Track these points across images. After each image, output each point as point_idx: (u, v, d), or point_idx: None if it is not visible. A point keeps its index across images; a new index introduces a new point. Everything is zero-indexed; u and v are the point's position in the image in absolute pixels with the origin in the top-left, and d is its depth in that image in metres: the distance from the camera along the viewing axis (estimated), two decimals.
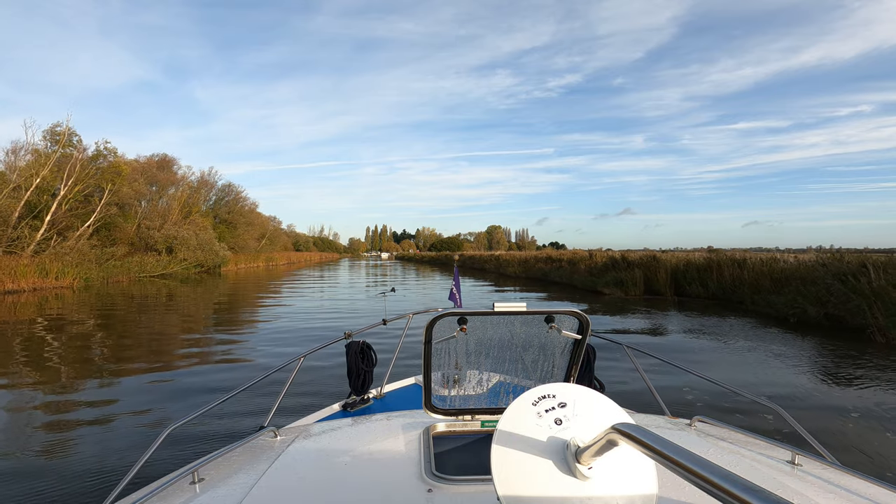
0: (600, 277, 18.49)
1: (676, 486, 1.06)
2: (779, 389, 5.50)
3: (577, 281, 20.47)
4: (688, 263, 16.94)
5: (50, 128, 29.25)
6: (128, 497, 1.21)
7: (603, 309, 13.35)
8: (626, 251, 25.71)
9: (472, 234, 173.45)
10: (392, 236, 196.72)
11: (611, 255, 20.44)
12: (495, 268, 37.14)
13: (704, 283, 15.50)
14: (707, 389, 5.24)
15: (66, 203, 29.94)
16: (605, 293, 17.35)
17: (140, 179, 35.96)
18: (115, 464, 3.42)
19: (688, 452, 0.53)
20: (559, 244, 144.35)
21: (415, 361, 2.41)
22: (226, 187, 53.16)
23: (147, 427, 4.18)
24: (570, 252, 29.24)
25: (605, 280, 17.76)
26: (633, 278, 16.91)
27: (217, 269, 36.61)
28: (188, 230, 33.81)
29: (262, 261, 50.60)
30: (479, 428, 1.52)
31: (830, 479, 1.22)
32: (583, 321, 1.46)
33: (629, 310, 13.39)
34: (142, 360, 6.79)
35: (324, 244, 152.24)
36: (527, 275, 28.72)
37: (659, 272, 16.74)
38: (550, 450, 0.78)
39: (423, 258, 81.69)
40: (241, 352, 7.53)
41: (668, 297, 16.31)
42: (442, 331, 1.46)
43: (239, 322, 10.82)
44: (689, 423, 1.71)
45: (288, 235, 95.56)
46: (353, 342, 2.60)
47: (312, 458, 1.33)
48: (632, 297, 16.55)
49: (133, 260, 27.77)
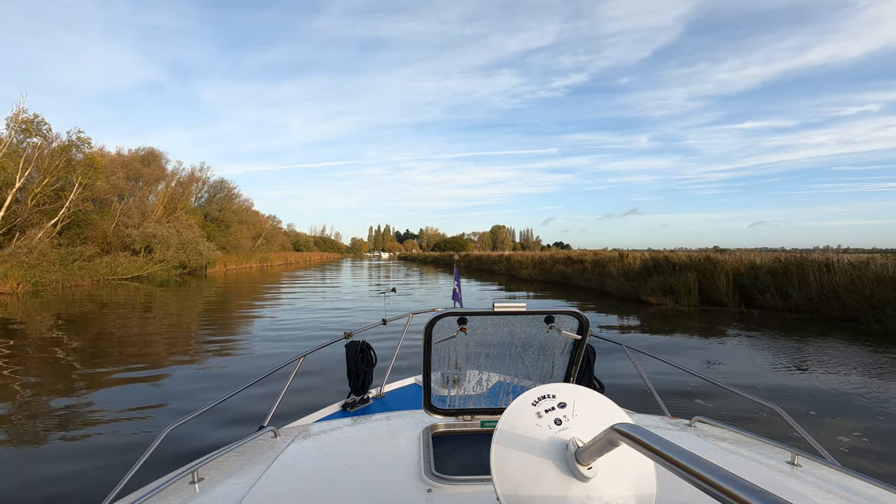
0: (641, 283, 15.35)
1: (676, 486, 0.97)
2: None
3: (610, 286, 17.17)
4: (753, 266, 13.79)
5: (13, 114, 26.32)
6: (127, 497, 1.18)
7: (654, 324, 10.27)
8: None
9: (476, 234, 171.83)
10: (395, 236, 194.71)
11: (651, 256, 17.15)
12: (506, 269, 33.93)
13: (783, 292, 12.33)
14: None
15: (32, 198, 27.13)
16: (651, 302, 14.21)
17: (119, 173, 33.06)
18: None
19: (688, 452, 0.53)
20: (564, 244, 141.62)
21: (415, 361, 2.07)
22: (217, 184, 50.28)
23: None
24: (591, 252, 26.01)
25: (650, 286, 14.59)
26: (687, 284, 13.76)
27: (203, 271, 33.66)
28: (169, 228, 30.81)
29: (255, 261, 47.61)
30: (478, 428, 1.51)
31: (830, 480, 1.21)
32: (583, 321, 1.47)
33: (685, 325, 10.30)
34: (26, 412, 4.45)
35: (325, 244, 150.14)
36: (544, 278, 25.48)
37: (718, 277, 13.58)
38: (550, 450, 0.78)
39: (426, 258, 79.11)
40: (186, 396, 4.96)
41: (731, 307, 13.16)
42: (442, 331, 1.45)
43: (196, 346, 7.77)
44: (689, 423, 1.70)
45: (287, 235, 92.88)
46: (353, 342, 2.58)
47: (312, 458, 1.33)
48: (685, 307, 13.42)
49: (102, 261, 24.80)
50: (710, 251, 20.10)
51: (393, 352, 3.03)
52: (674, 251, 22.54)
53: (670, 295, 13.89)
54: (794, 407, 4.81)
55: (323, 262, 71.24)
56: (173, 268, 30.09)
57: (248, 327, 10.27)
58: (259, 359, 7.00)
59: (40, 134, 27.92)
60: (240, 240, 50.57)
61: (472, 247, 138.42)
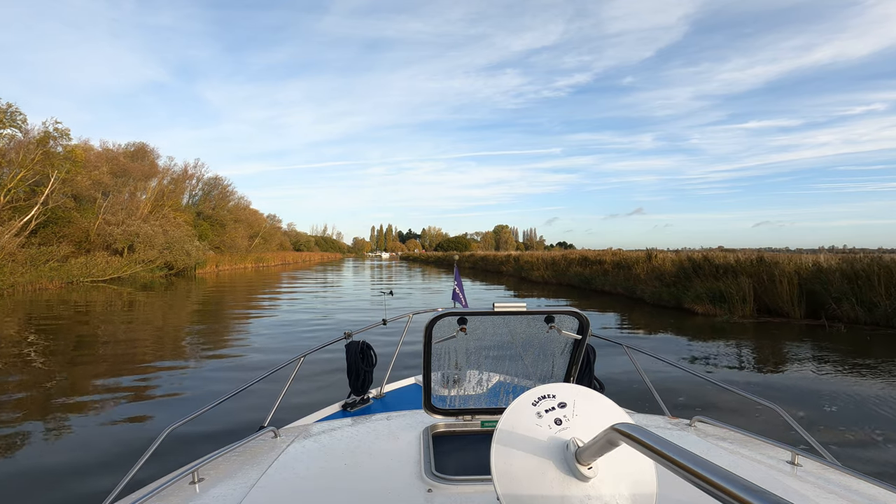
0: (682, 288, 13.18)
1: (676, 486, 1.00)
2: None
3: (644, 293, 14.92)
4: (819, 269, 11.60)
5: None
6: (127, 497, 1.18)
7: (714, 342, 8.12)
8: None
9: (479, 233, 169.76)
10: (398, 236, 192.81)
11: (689, 257, 14.87)
12: (514, 271, 31.73)
13: (864, 300, 10.15)
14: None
15: (5, 193, 25.16)
16: (696, 311, 12.03)
17: (103, 168, 31.07)
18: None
19: (688, 452, 0.53)
20: (567, 244, 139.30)
21: (415, 361, 1.88)
22: (212, 181, 48.30)
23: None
24: (609, 252, 23.80)
25: (694, 293, 12.42)
26: (741, 291, 11.59)
27: (191, 272, 31.65)
28: (155, 226, 28.78)
29: (250, 261, 45.59)
30: (479, 428, 1.50)
31: (830, 479, 1.21)
32: (583, 321, 1.44)
33: (750, 342, 8.14)
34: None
35: (326, 244, 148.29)
36: (558, 280, 23.30)
37: (779, 282, 11.40)
38: (550, 450, 0.78)
39: (428, 258, 77.05)
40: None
41: (795, 318, 10.99)
42: (442, 331, 1.44)
43: (152, 373, 5.68)
44: (689, 423, 1.69)
45: (287, 235, 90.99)
46: (353, 342, 2.57)
47: (312, 458, 1.32)
48: (739, 317, 11.25)
49: (77, 261, 22.80)
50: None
51: (393, 352, 3.02)
52: (678, 251, 20.50)
53: (720, 303, 11.71)
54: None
55: (323, 263, 69.24)
56: (158, 269, 28.07)
57: (227, 342, 8.18)
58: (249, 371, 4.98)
59: (14, 125, 26.03)
60: (235, 239, 48.61)
61: (475, 247, 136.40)
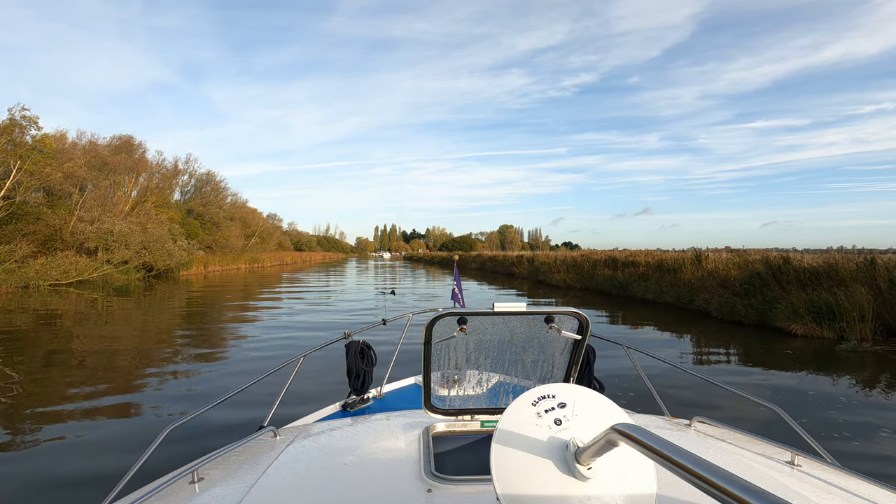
0: (765, 300, 10.22)
1: (676, 486, 1.02)
2: None
3: (709, 304, 11.73)
4: None
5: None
6: (127, 497, 1.17)
7: (854, 380, 5.31)
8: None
9: (484, 233, 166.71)
10: (402, 236, 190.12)
11: (766, 259, 11.78)
12: (529, 273, 28.79)
13: None
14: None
15: None
16: (794, 332, 9.08)
17: (78, 160, 28.40)
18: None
19: (687, 453, 0.53)
20: (573, 244, 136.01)
21: (415, 361, 1.82)
22: (204, 176, 45.67)
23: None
24: (642, 252, 20.82)
25: (790, 307, 9.46)
26: (857, 305, 8.64)
27: (175, 273, 28.95)
28: (132, 224, 26.07)
29: (244, 262, 42.89)
30: (478, 428, 1.49)
31: (830, 480, 1.20)
32: (582, 321, 1.43)
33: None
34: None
35: (329, 244, 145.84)
36: (583, 285, 20.32)
37: None
38: (550, 450, 0.77)
39: (432, 258, 74.33)
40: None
41: None
42: (442, 331, 1.43)
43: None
44: (688, 424, 1.68)
45: (287, 234, 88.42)
46: (353, 342, 2.55)
47: (312, 458, 1.32)
48: (854, 340, 8.29)
49: (35, 262, 20.11)
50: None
51: (393, 352, 3.00)
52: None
53: (829, 321, 8.77)
54: None
55: (325, 263, 66.49)
56: (135, 270, 25.38)
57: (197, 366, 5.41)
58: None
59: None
60: (229, 238, 45.97)
61: (480, 246, 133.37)
